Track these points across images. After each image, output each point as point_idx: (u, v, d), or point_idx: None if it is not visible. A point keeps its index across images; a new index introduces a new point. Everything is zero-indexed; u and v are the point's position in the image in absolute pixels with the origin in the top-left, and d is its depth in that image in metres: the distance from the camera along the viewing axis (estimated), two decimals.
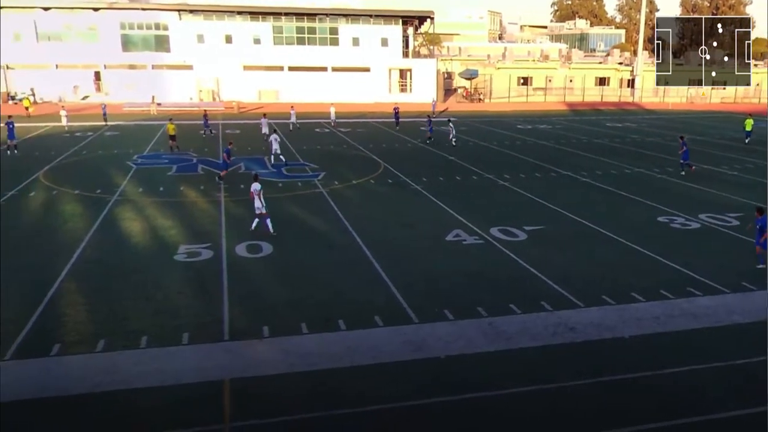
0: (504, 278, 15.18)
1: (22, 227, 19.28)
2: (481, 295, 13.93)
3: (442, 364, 11.00)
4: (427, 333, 12.16)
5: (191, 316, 12.85)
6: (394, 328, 12.33)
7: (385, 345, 11.68)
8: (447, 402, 9.88)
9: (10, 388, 10.04)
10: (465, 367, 10.96)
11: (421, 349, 11.54)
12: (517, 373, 10.85)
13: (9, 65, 63.76)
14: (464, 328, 12.36)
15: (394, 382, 10.43)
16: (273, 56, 66.87)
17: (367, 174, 28.04)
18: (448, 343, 11.76)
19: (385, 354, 11.31)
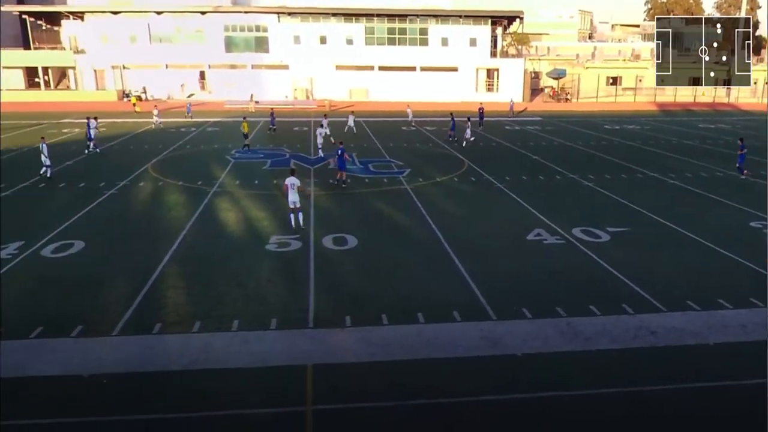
0: (584, 279, 14.74)
1: (131, 215, 20.46)
2: (560, 295, 13.60)
3: (518, 362, 10.83)
4: (504, 330, 12.00)
5: (279, 303, 13.26)
6: (471, 324, 12.25)
7: (463, 340, 11.62)
8: (522, 399, 9.73)
9: (118, 360, 10.74)
10: (541, 365, 10.75)
11: (497, 345, 11.40)
12: (595, 374, 10.53)
13: (125, 65, 67.68)
14: (542, 327, 12.11)
15: (470, 377, 10.36)
16: (364, 56, 67.64)
17: (451, 172, 27.90)
18: (525, 341, 11.57)
19: (462, 348, 11.25)
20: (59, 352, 10.95)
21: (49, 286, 14.08)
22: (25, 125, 43.93)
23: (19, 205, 21.36)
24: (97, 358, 10.80)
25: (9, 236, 17.27)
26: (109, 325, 11.99)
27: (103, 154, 31.92)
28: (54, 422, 8.96)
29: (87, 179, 25.16)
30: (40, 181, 24.86)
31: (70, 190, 23.64)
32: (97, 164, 29.26)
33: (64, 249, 16.50)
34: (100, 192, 23.01)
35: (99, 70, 68.59)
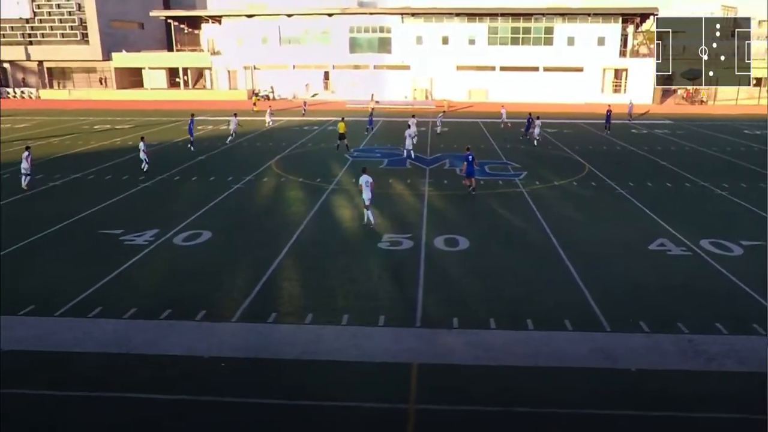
0: (711, 294, 13.77)
1: (254, 208, 21.58)
2: (683, 310, 12.79)
3: (632, 377, 10.33)
4: (619, 343, 11.49)
5: (388, 300, 13.47)
6: (584, 334, 11.83)
7: (573, 349, 11.26)
8: (635, 417, 9.28)
9: (235, 346, 11.40)
10: (658, 383, 10.17)
11: (611, 358, 10.94)
12: (719, 396, 9.82)
13: (256, 66, 71.30)
14: (660, 342, 11.47)
15: (579, 389, 10.01)
16: (486, 56, 66.92)
17: (570, 176, 27.01)
18: (641, 355, 11.01)
19: (572, 358, 10.90)
20: (184, 333, 11.80)
21: (178, 272, 15.19)
22: (166, 122, 47.49)
23: (156, 196, 23.20)
24: (217, 342, 11.52)
25: (147, 224, 18.80)
26: (229, 311, 12.75)
27: (233, 150, 33.88)
28: (176, 398, 9.67)
29: (217, 173, 26.80)
30: (174, 174, 26.80)
31: (201, 183, 25.31)
32: (226, 160, 31.08)
33: (194, 238, 17.71)
34: (228, 186, 24.44)
35: (232, 70, 72.74)
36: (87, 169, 27.89)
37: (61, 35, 76.51)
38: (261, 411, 9.38)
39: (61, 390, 9.84)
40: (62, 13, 75.78)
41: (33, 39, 77.52)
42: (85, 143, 36.49)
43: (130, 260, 15.74)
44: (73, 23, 75.65)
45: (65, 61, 78.67)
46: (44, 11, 76.23)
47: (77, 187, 24.63)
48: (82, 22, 75.21)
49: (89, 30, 75.23)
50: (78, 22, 75.33)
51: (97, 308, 12.75)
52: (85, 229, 18.68)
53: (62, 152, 33.03)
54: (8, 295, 13.41)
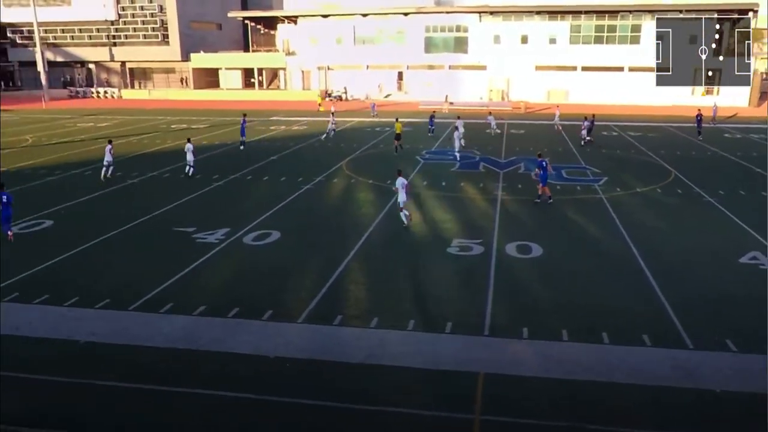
0: None
1: (323, 209, 21.97)
2: None
3: (716, 399, 9.87)
4: (701, 361, 11.01)
5: (456, 307, 13.42)
6: (663, 350, 11.40)
7: (651, 366, 10.87)
8: None
9: (301, 347, 11.64)
10: (745, 406, 9.68)
11: (692, 377, 10.49)
12: None
13: (330, 66, 72.51)
14: (749, 362, 10.91)
15: (656, 408, 9.65)
16: (567, 56, 65.51)
17: (654, 182, 26.04)
18: (726, 376, 10.50)
19: (649, 376, 10.51)
20: (251, 332, 12.14)
21: (247, 271, 15.66)
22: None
23: (228, 195, 23.96)
24: (283, 342, 11.80)
25: (218, 222, 19.45)
26: (296, 311, 13.02)
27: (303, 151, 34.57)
28: (240, 396, 9.95)
29: (288, 174, 27.42)
30: (247, 174, 27.59)
31: (272, 183, 25.96)
32: (297, 160, 31.75)
33: (263, 238, 18.19)
34: (298, 186, 24.97)
35: (306, 70, 74.29)
36: (163, 167, 29.13)
37: (143, 36, 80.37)
38: (324, 414, 9.53)
39: (131, 382, 10.32)
40: (145, 15, 79.63)
41: (117, 40, 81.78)
42: (162, 142, 38.13)
43: (201, 258, 16.34)
44: (155, 25, 79.34)
45: (146, 62, 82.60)
46: (128, 13, 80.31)
47: (153, 185, 25.77)
48: (164, 23, 78.76)
49: (170, 31, 78.71)
50: (159, 23, 78.94)
51: (168, 304, 13.30)
52: (159, 226, 19.52)
53: (140, 151, 34.65)
54: (86, 289, 14.19)
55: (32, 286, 14.31)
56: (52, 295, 13.78)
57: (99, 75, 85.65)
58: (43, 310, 13.14)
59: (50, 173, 28.10)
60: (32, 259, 16.14)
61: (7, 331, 12.13)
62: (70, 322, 12.59)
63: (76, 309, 13.15)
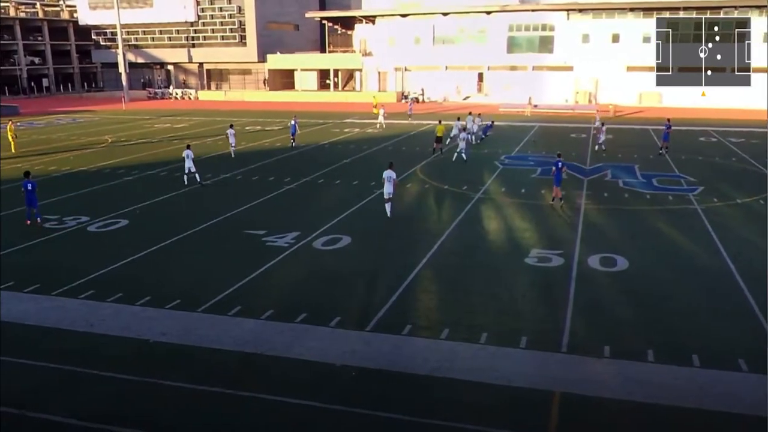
0: None
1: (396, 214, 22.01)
2: None
3: None
4: None
5: (532, 321, 13.19)
6: (761, 377, 10.79)
7: (747, 393, 10.31)
8: None
9: (368, 356, 11.73)
10: None
11: None
12: None
13: (407, 67, 72.92)
14: None
15: None
16: None
17: (757, 193, 24.76)
18: None
19: (744, 404, 9.98)
20: (318, 339, 12.33)
21: (316, 276, 15.93)
22: (314, 124, 49.96)
23: (300, 198, 24.47)
24: (350, 350, 11.92)
25: (289, 226, 19.89)
26: (363, 319, 13.14)
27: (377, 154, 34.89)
28: (304, 404, 10.12)
29: (360, 177, 27.72)
30: (318, 177, 28.08)
31: (344, 186, 26.32)
32: (370, 164, 32.00)
33: (333, 242, 18.46)
34: (371, 191, 25.18)
35: (382, 72, 75.00)
36: (236, 169, 30.07)
37: (221, 38, 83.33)
38: (388, 425, 9.57)
39: (198, 384, 10.70)
40: (224, 16, 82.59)
41: (195, 42, 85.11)
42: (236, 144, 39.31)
43: (270, 261, 16.76)
44: (233, 26, 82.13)
45: (223, 63, 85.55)
46: (207, 14, 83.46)
47: (226, 187, 26.64)
48: (242, 24, 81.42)
49: (247, 32, 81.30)
50: (238, 24, 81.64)
51: (236, 307, 13.72)
52: (231, 228, 20.16)
53: (215, 152, 35.88)
54: (158, 289, 14.83)
55: (106, 284, 15.08)
56: (125, 293, 14.47)
57: (177, 76, 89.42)
58: (116, 308, 13.80)
59: (127, 173, 29.55)
60: (107, 257, 17.01)
61: (81, 327, 12.83)
62: (141, 321, 13.18)
63: (147, 308, 13.76)
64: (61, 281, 15.21)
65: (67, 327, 12.90)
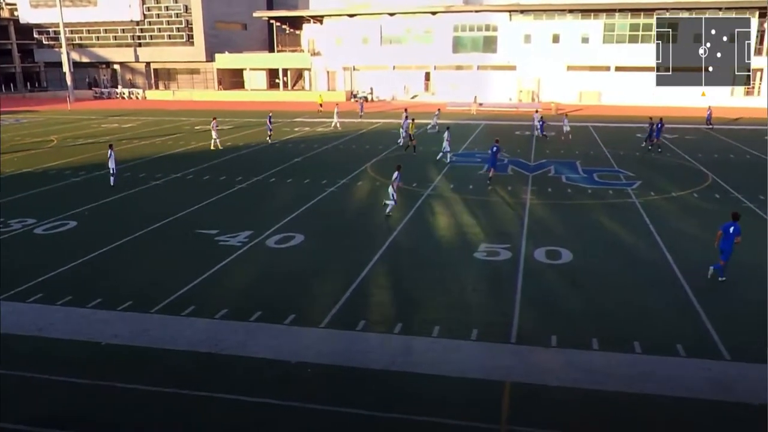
0: None
1: (347, 213, 22.04)
2: None
3: (752, 413, 9.66)
4: (739, 373, 10.81)
5: (482, 313, 13.36)
6: (698, 361, 11.22)
7: (685, 378, 10.69)
8: None
9: (322, 352, 11.70)
10: None
11: (729, 390, 10.29)
12: None
13: (356, 67, 72.80)
14: None
15: (690, 421, 9.52)
16: (600, 56, 64.92)
17: (691, 186, 25.67)
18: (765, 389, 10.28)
19: (684, 388, 10.34)
20: (273, 337, 12.22)
21: (269, 274, 15.78)
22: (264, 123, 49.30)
23: (251, 197, 24.17)
24: (304, 347, 11.87)
25: (241, 225, 19.64)
26: (318, 316, 13.08)
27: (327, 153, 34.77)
28: (261, 401, 10.04)
29: (311, 176, 27.58)
30: (270, 176, 27.81)
31: (296, 185, 26.13)
32: (321, 162, 31.93)
33: (286, 241, 18.31)
34: (322, 189, 25.09)
35: (331, 71, 74.73)
36: (186, 169, 29.51)
37: (168, 37, 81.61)
38: (345, 420, 9.56)
39: (151, 386, 10.46)
40: (170, 15, 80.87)
41: (142, 41, 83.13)
42: (186, 143, 38.64)
43: (223, 261, 16.51)
44: (179, 25, 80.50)
45: (170, 62, 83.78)
46: (153, 14, 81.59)
47: (177, 187, 26.12)
48: (188, 23, 79.91)
49: (195, 32, 79.81)
50: (184, 24, 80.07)
51: (190, 307, 13.47)
52: (182, 228, 19.78)
53: (164, 152, 35.14)
54: (109, 291, 14.43)
55: (56, 287, 14.61)
56: (75, 296, 14.05)
57: (124, 76, 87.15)
58: (66, 311, 13.39)
59: (74, 174, 28.67)
60: (56, 260, 16.48)
61: (31, 331, 12.40)
62: (92, 323, 12.81)
63: (99, 311, 13.39)
64: (8, 285, 14.67)
65: (16, 332, 12.45)
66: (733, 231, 15.03)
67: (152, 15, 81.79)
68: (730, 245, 14.92)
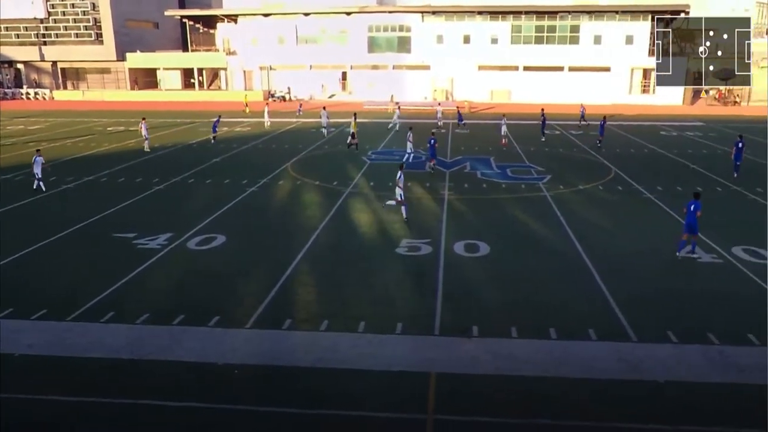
0: (743, 304, 13.62)
1: (269, 212, 21.75)
2: (713, 320, 12.67)
3: (659, 389, 10.24)
4: (645, 353, 11.42)
5: (406, 307, 13.52)
6: (609, 344, 11.78)
7: (598, 360, 11.21)
8: (661, 430, 9.22)
9: (249, 352, 11.54)
10: (685, 395, 10.10)
11: (637, 369, 10.87)
12: (747, 411, 9.68)
13: (272, 66, 71.82)
14: (689, 353, 11.38)
15: (603, 401, 9.97)
16: (509, 56, 66.74)
17: (596, 179, 26.86)
18: (668, 367, 10.92)
19: (597, 370, 10.84)
20: (197, 339, 11.93)
21: (192, 277, 15.37)
22: (180, 123, 48.04)
23: (170, 199, 23.47)
24: (230, 348, 11.64)
25: (161, 227, 19.02)
26: (243, 317, 12.87)
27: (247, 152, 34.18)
28: (188, 406, 9.79)
29: (231, 176, 27.04)
30: (188, 177, 27.08)
31: (216, 186, 25.54)
32: (241, 162, 31.33)
33: (208, 242, 17.89)
34: (243, 189, 24.65)
35: (248, 71, 73.35)
36: (100, 171, 28.30)
37: (76, 35, 77.78)
38: (275, 420, 9.46)
39: (73, 396, 10.00)
40: (76, 13, 77.07)
41: (47, 39, 78.87)
42: (98, 145, 37.04)
43: (143, 264, 15.95)
44: (87, 23, 76.86)
45: (79, 62, 79.87)
46: (58, 11, 77.56)
47: (91, 190, 25.00)
48: (96, 21, 76.42)
49: (103, 30, 76.40)
50: (92, 21, 76.54)
51: (109, 313, 12.94)
52: (98, 232, 18.96)
53: (75, 154, 33.56)
54: (21, 299, 13.66)
55: None
56: None
57: (28, 75, 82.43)
58: None
59: None
60: None
61: None
62: (5, 334, 12.08)
63: (11, 321, 12.64)
64: None
65: None
66: (693, 208, 16.39)
67: (57, 12, 77.69)
68: (694, 219, 16.31)
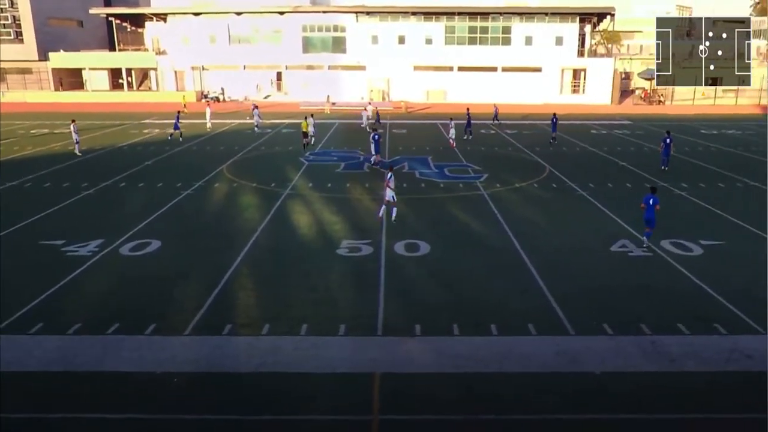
0: (673, 295, 14.21)
1: (206, 215, 21.30)
2: (645, 312, 13.17)
3: (596, 380, 10.58)
4: (582, 346, 11.76)
5: (348, 308, 13.49)
6: (547, 338, 12.07)
7: (537, 354, 11.47)
8: (598, 420, 9.53)
9: (189, 360, 11.25)
10: (621, 385, 10.46)
11: (575, 362, 11.18)
12: (681, 398, 10.13)
13: (204, 66, 70.43)
14: (623, 344, 11.79)
15: (544, 393, 10.21)
16: (443, 56, 67.54)
17: (531, 178, 27.52)
18: (604, 358, 11.28)
19: (536, 363, 11.10)
20: (133, 349, 11.55)
21: (126, 284, 14.88)
22: (109, 125, 46.50)
23: (100, 204, 22.66)
24: (169, 356, 11.33)
25: (91, 234, 18.36)
26: (181, 324, 12.54)
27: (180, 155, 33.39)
28: (127, 417, 9.48)
29: (165, 179, 26.35)
30: (119, 181, 26.25)
31: (149, 189, 24.83)
32: (174, 164, 30.59)
33: (142, 248, 17.37)
34: (177, 192, 24.06)
35: (179, 71, 71.64)
36: (24, 176, 27.08)
37: None
38: (218, 427, 9.28)
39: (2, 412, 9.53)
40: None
41: None
42: (21, 149, 35.46)
43: (73, 273, 15.34)
44: (6, 21, 73.37)
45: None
46: None
47: (13, 196, 23.87)
48: (16, 19, 73.02)
49: (23, 28, 73.05)
50: (11, 19, 73.10)
51: (38, 324, 12.39)
52: (23, 240, 18.13)
53: None
54: None
55: None
56: None
57: None
58: None
59: None
60: None
61: None
62: None
63: None
64: None
65: None
66: (652, 202, 17.00)
67: None
68: (653, 213, 16.97)
